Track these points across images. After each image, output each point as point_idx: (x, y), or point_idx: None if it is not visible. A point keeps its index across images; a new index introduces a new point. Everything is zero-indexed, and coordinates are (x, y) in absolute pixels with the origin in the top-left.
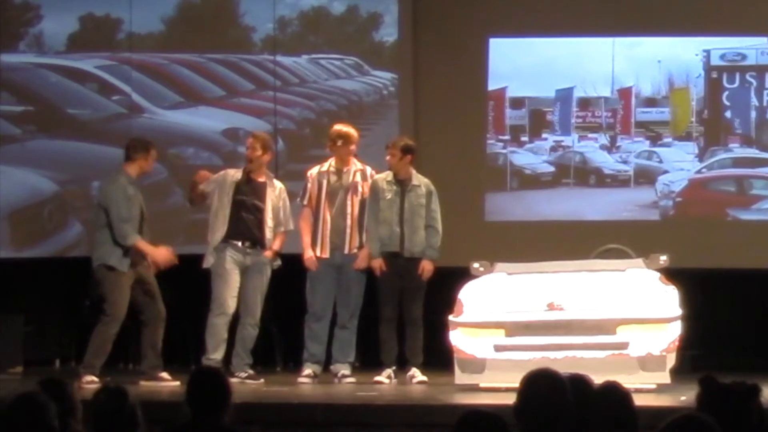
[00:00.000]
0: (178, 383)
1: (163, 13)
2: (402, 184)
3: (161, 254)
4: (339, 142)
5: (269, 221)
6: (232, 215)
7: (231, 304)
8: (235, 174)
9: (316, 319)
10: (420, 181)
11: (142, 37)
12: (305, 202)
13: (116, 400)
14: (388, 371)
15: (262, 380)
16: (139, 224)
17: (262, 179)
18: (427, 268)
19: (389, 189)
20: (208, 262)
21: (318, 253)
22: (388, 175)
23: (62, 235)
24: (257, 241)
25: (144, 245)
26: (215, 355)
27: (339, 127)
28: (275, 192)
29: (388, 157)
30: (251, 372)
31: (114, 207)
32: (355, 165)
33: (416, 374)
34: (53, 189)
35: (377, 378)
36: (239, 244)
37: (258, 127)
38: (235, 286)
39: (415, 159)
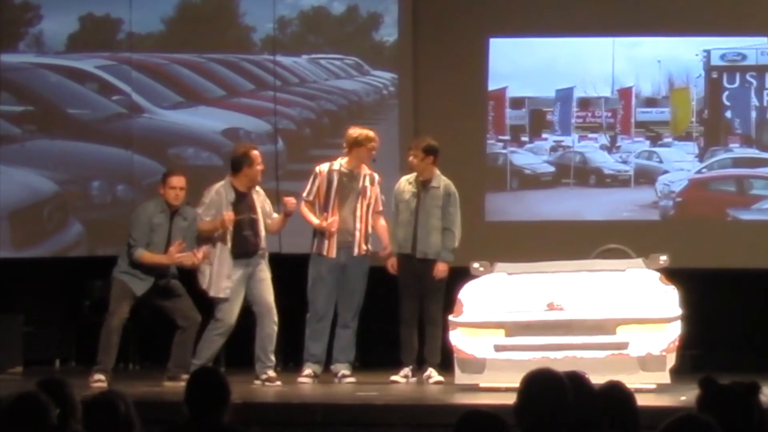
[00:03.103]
0: None
1: (163, 13)
2: (423, 185)
3: (169, 257)
4: (369, 145)
5: (262, 230)
6: (235, 236)
7: (234, 321)
8: (226, 193)
9: (318, 318)
10: (439, 182)
11: (142, 37)
12: (310, 198)
13: (109, 403)
14: (406, 370)
15: (278, 383)
16: (165, 251)
17: (245, 190)
18: (439, 269)
19: (408, 190)
20: (215, 288)
21: (325, 253)
22: (412, 176)
23: (62, 235)
24: (256, 253)
25: (149, 256)
26: (201, 362)
27: (366, 131)
28: (260, 197)
29: (410, 158)
30: (270, 374)
31: (133, 230)
32: (365, 169)
33: (433, 374)
34: (53, 189)
35: (393, 377)
36: (242, 260)
37: (258, 127)
38: (239, 304)
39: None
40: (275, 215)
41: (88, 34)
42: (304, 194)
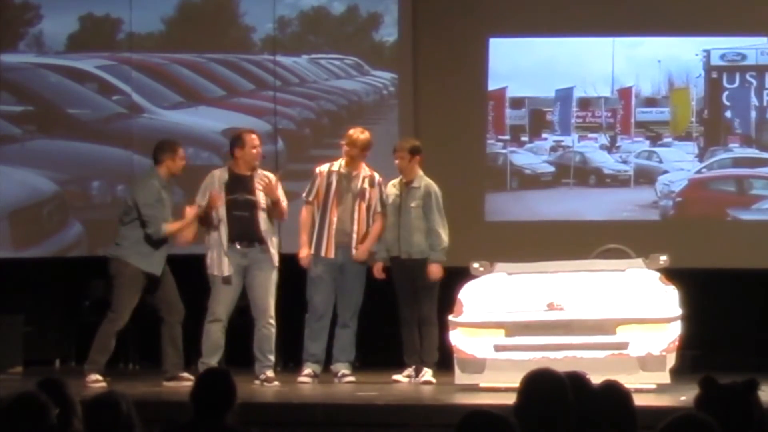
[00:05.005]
0: None
1: (163, 13)
2: (406, 186)
3: (189, 216)
4: (345, 142)
5: (262, 214)
6: (227, 216)
7: (224, 311)
8: (221, 174)
9: (317, 318)
10: (421, 183)
11: (142, 37)
12: (310, 198)
13: (112, 403)
14: (409, 370)
15: (276, 383)
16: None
17: (247, 173)
18: (431, 270)
19: (393, 193)
20: (218, 268)
21: (323, 253)
22: (396, 180)
23: (62, 235)
24: (254, 239)
25: (174, 225)
26: (210, 359)
27: (356, 133)
28: (264, 183)
29: (397, 161)
30: (269, 375)
31: (147, 209)
32: (365, 170)
33: (425, 374)
34: (53, 189)
35: (395, 377)
36: (237, 246)
37: (258, 127)
38: (229, 293)
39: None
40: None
41: (88, 34)
42: (304, 195)
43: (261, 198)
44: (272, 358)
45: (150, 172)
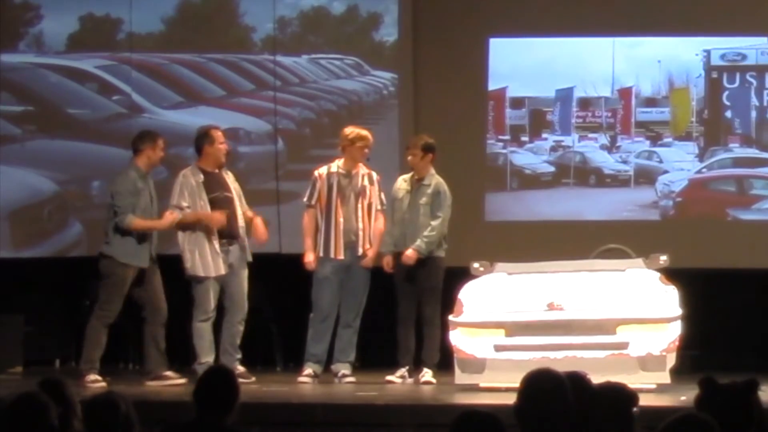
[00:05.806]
0: (185, 380)
1: (163, 13)
2: (416, 183)
3: (165, 221)
4: (359, 144)
5: (239, 210)
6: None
7: (213, 308)
8: (194, 175)
9: (322, 319)
10: (431, 181)
11: (142, 37)
12: (312, 202)
13: (110, 403)
14: (402, 371)
15: (253, 378)
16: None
17: (216, 170)
18: (405, 254)
19: (403, 189)
20: (206, 269)
21: (332, 255)
22: (408, 175)
23: (62, 235)
24: (234, 235)
25: (142, 222)
26: (207, 358)
27: (357, 130)
28: (230, 179)
29: (409, 158)
30: (242, 370)
31: (119, 198)
32: (362, 168)
33: (426, 374)
34: (53, 189)
35: (389, 377)
36: (221, 243)
37: (258, 127)
38: (217, 290)
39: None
40: (257, 218)
41: (88, 34)
42: (305, 199)
43: (235, 195)
44: (239, 352)
45: (128, 164)
